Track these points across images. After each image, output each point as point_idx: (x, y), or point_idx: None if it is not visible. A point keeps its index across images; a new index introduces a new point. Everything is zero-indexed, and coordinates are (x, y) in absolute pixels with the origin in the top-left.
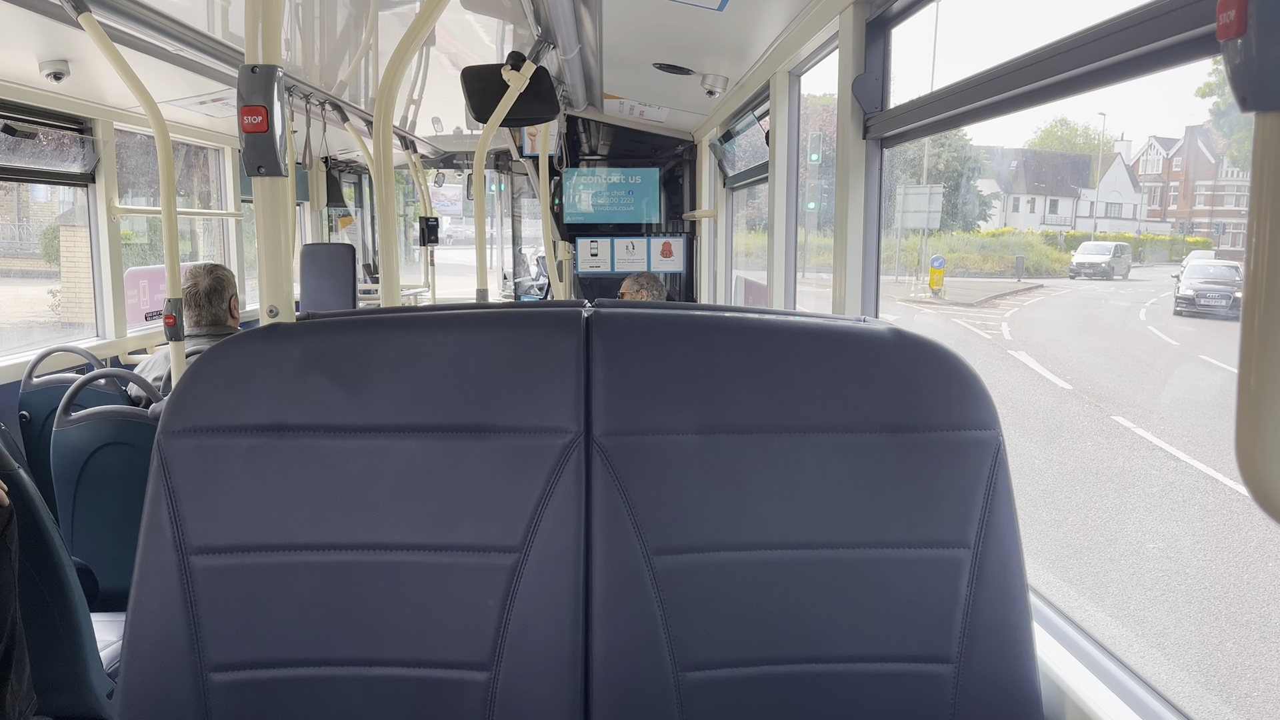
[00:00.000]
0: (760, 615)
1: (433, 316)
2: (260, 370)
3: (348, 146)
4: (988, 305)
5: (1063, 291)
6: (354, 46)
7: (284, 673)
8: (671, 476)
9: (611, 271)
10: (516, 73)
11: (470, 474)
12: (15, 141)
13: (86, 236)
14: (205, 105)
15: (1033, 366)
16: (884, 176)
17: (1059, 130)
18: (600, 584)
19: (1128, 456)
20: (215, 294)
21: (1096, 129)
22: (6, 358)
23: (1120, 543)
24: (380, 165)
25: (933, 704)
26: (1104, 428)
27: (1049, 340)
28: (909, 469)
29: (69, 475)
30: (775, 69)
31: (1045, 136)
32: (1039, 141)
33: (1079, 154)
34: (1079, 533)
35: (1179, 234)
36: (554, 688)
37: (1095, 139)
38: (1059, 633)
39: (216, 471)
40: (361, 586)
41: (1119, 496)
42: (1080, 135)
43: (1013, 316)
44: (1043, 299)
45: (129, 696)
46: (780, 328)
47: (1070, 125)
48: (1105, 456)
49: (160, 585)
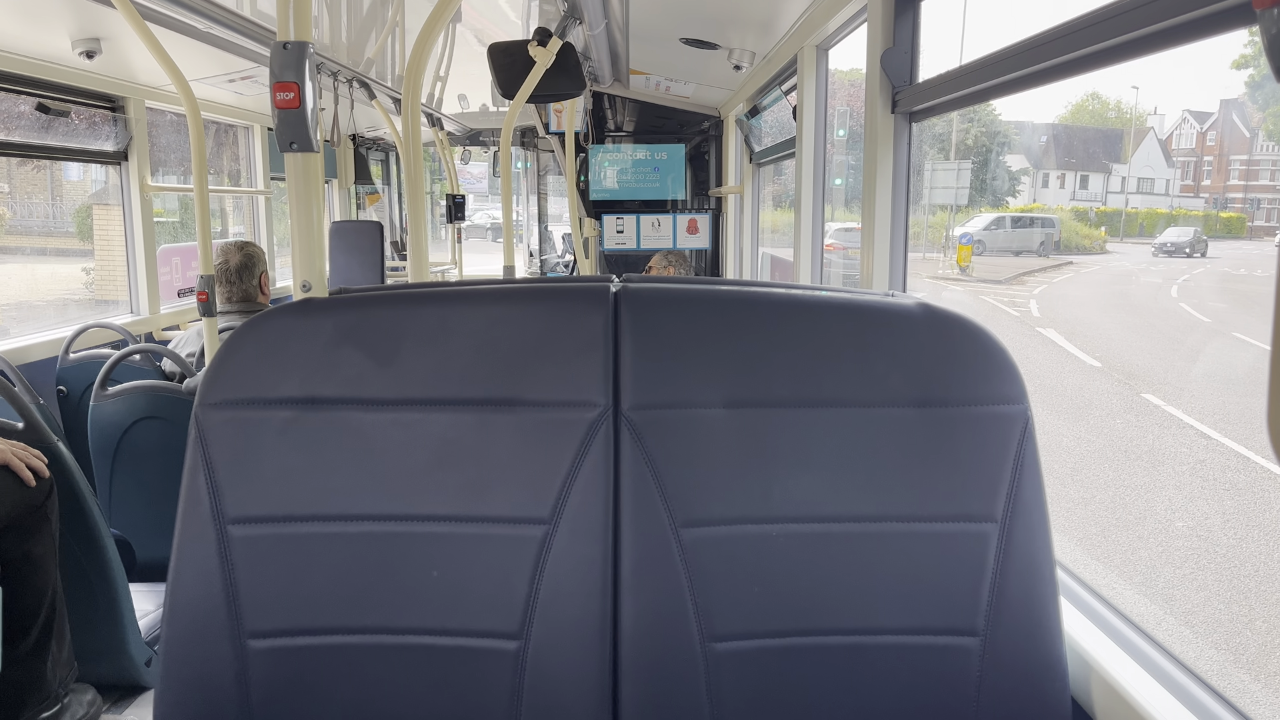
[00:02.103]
0: (787, 588)
1: (463, 291)
2: (294, 344)
3: (375, 124)
4: (1016, 282)
5: (1092, 268)
6: (381, 24)
7: (318, 640)
8: (699, 450)
9: (637, 248)
10: (543, 49)
11: (500, 446)
12: (49, 120)
13: (119, 214)
14: (235, 83)
15: (1061, 344)
16: (912, 151)
17: (1090, 104)
18: (628, 556)
19: (1157, 434)
20: (246, 271)
21: (1129, 103)
22: (44, 334)
23: (1149, 520)
24: (409, 143)
25: (959, 676)
26: (1133, 405)
27: (1078, 317)
28: (937, 443)
29: (106, 449)
30: (803, 43)
31: (1076, 111)
32: (1070, 116)
33: (1110, 129)
34: (1107, 510)
35: (1212, 209)
36: (583, 657)
37: (1127, 113)
38: (1086, 607)
39: (252, 443)
40: (394, 557)
41: (1148, 474)
42: (1113, 109)
43: (1041, 294)
44: (1071, 275)
45: (170, 660)
46: (808, 302)
47: (1102, 99)
48: (1134, 434)
49: (198, 554)
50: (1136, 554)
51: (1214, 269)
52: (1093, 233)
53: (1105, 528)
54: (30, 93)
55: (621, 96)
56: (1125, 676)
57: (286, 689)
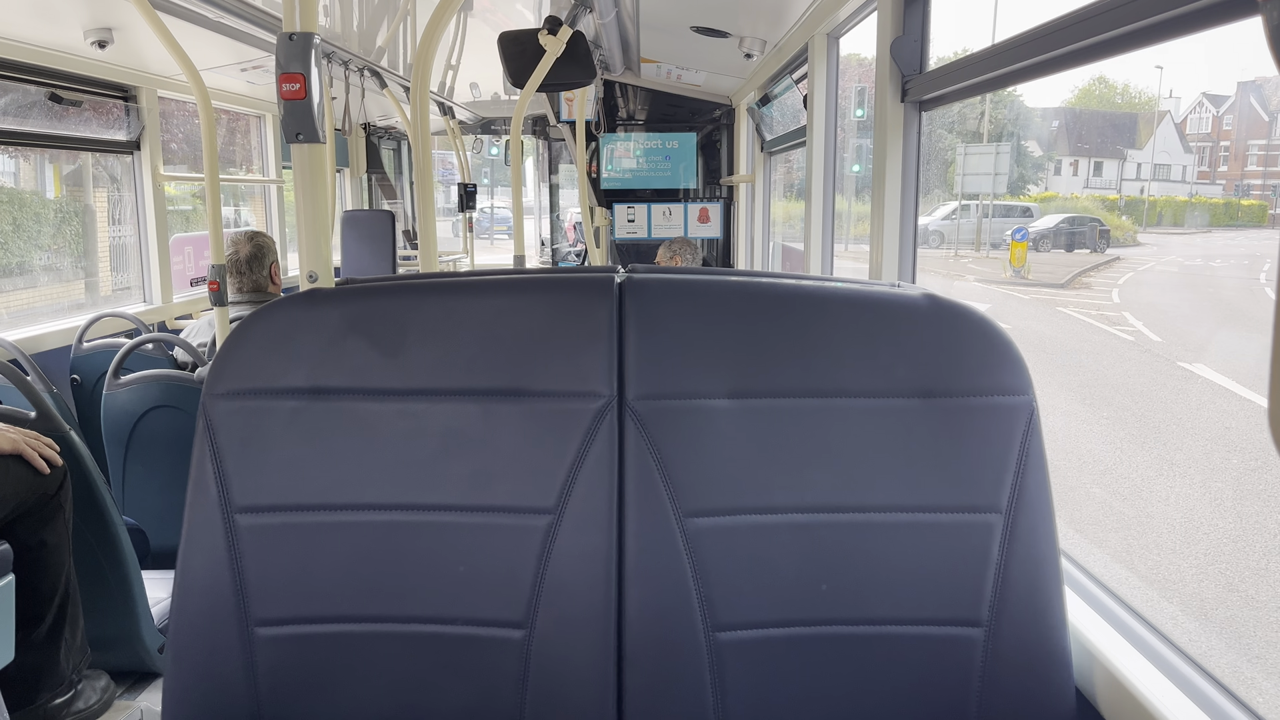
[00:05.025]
0: (791, 578)
1: (468, 282)
2: (301, 334)
3: (387, 113)
4: (1077, 285)
5: (1147, 264)
6: (392, 12)
7: (325, 628)
8: (704, 440)
9: (649, 237)
10: (553, 37)
11: (506, 436)
12: (63, 109)
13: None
14: (246, 72)
15: (1215, 380)
16: (921, 140)
17: (1097, 89)
18: (633, 545)
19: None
20: (256, 261)
21: (1137, 87)
22: (58, 323)
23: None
24: (418, 131)
25: (963, 667)
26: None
27: (1203, 337)
28: (942, 434)
29: (119, 437)
30: (813, 31)
31: (1083, 95)
32: (1076, 100)
33: (1124, 113)
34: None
35: (1232, 196)
36: (588, 645)
37: (1136, 97)
38: (1091, 598)
39: (259, 433)
40: (400, 546)
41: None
42: (1120, 94)
43: (1123, 299)
44: (1130, 273)
45: (178, 648)
46: (814, 293)
47: (1109, 84)
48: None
49: (207, 543)
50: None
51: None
52: (1125, 224)
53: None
54: (43, 82)
55: (633, 85)
56: (1130, 667)
57: (294, 677)
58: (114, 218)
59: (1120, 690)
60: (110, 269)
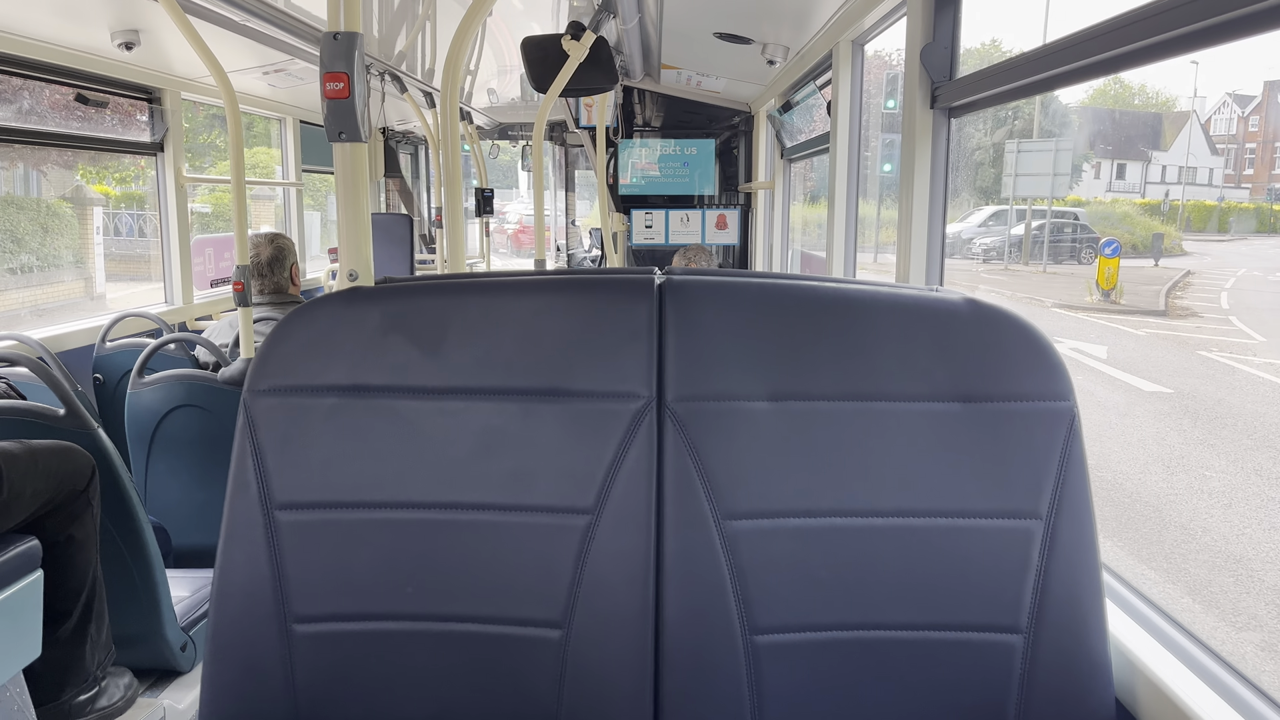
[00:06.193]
0: (830, 582)
1: (507, 281)
2: (341, 332)
3: (404, 117)
4: (1182, 311)
5: (1218, 273)
6: (413, 18)
7: (363, 626)
8: (743, 442)
9: (666, 244)
10: (576, 43)
11: (545, 436)
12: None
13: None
14: (269, 75)
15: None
16: (950, 147)
17: (1112, 89)
18: (671, 547)
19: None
20: (277, 263)
21: (1154, 87)
22: (81, 322)
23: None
24: (446, 137)
25: (1002, 673)
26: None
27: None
28: (982, 439)
29: (143, 436)
30: (839, 38)
31: (1098, 95)
32: (1091, 100)
33: (1147, 113)
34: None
35: (1263, 201)
36: (625, 646)
37: (1154, 97)
38: (1131, 608)
39: (300, 430)
40: (439, 544)
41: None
42: (1137, 94)
43: (1249, 323)
44: (1216, 289)
45: (217, 643)
46: (853, 296)
47: (1125, 84)
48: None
49: (247, 539)
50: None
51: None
52: (1173, 231)
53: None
54: (69, 83)
55: (651, 91)
56: (1172, 678)
57: (331, 674)
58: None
59: (1163, 701)
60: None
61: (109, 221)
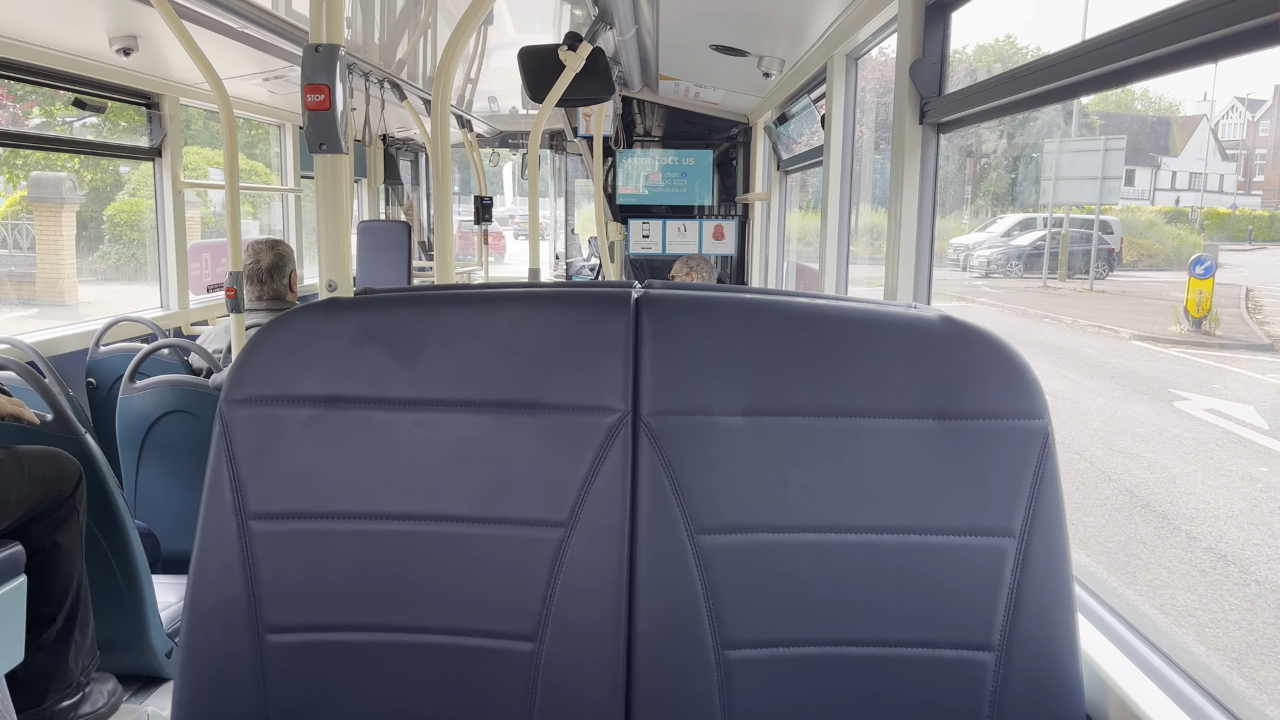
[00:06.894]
0: (803, 597)
1: (485, 294)
2: (319, 343)
3: (405, 125)
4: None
5: (1271, 287)
6: (413, 26)
7: (336, 636)
8: (717, 457)
9: (663, 253)
10: (573, 53)
11: (520, 449)
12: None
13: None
14: (268, 82)
15: None
16: (939, 162)
17: (1112, 93)
18: (644, 561)
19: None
20: (277, 270)
21: (1158, 90)
22: (75, 326)
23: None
24: (437, 144)
25: (973, 691)
26: None
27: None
28: (956, 456)
29: (133, 441)
30: (832, 51)
31: (1099, 99)
32: (1094, 104)
33: (1157, 118)
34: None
35: (1277, 209)
36: (597, 659)
37: (1157, 101)
38: (1104, 625)
39: (275, 440)
40: (412, 556)
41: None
42: (1139, 98)
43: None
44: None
45: (190, 653)
46: (829, 312)
47: (1127, 88)
48: None
49: (220, 548)
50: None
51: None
52: (1199, 239)
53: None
54: (68, 88)
55: (650, 101)
56: (1142, 696)
57: (303, 684)
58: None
59: (1132, 719)
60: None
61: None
